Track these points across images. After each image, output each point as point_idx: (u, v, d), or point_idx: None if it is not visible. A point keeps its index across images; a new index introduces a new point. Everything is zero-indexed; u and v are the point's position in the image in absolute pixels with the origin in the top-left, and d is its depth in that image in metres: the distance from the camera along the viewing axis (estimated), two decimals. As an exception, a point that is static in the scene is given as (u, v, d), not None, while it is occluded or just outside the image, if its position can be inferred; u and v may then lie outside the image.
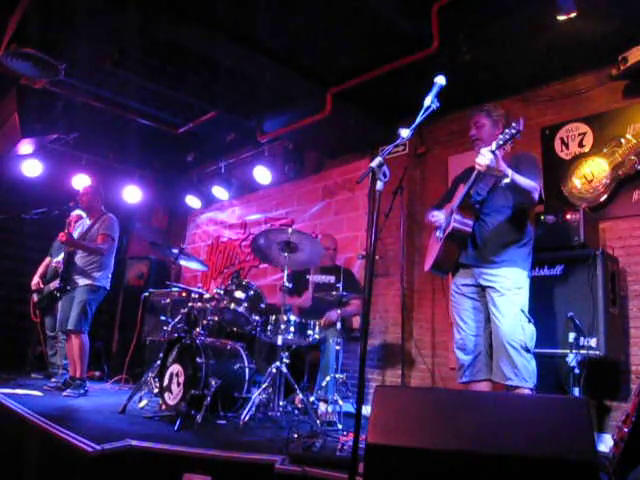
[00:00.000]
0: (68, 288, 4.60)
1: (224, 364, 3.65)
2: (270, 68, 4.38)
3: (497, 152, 2.69)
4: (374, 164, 2.03)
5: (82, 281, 4.57)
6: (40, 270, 5.59)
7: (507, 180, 2.78)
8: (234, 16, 3.87)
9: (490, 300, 2.97)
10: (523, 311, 2.91)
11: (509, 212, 3.03)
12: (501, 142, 2.69)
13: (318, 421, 3.37)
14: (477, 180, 2.95)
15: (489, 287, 2.98)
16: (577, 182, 4.03)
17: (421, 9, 3.74)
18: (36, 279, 5.53)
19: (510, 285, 2.92)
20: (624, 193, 3.82)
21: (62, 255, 5.33)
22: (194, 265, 4.95)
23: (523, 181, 2.85)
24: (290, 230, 3.74)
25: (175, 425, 3.07)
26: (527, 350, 2.86)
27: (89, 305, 4.52)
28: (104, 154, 6.86)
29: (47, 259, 5.66)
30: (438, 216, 3.21)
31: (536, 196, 2.91)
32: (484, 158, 2.70)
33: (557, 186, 4.11)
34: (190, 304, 4.00)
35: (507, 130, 2.70)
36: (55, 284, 4.81)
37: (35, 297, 5.56)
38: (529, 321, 2.91)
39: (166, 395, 3.56)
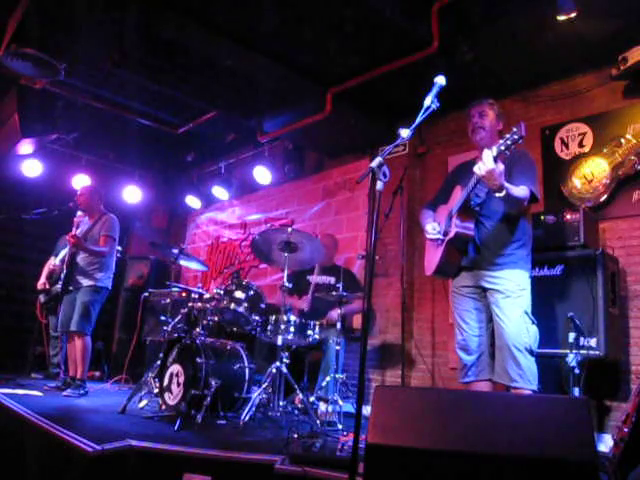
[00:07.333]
0: (70, 288, 4.60)
1: (224, 364, 3.65)
2: (270, 68, 4.38)
3: (498, 160, 2.58)
4: (374, 164, 2.02)
5: (85, 282, 4.56)
6: (45, 271, 5.59)
7: (500, 195, 2.69)
8: (234, 16, 3.87)
9: (494, 302, 2.94)
10: (527, 313, 2.88)
11: (507, 213, 2.98)
12: (502, 147, 2.58)
13: (318, 421, 3.37)
14: (477, 184, 2.87)
15: (492, 290, 2.95)
16: (577, 182, 4.03)
17: (421, 9, 3.75)
18: (42, 280, 5.53)
19: (514, 287, 2.90)
20: (624, 193, 3.82)
21: (60, 256, 5.35)
22: (194, 265, 4.95)
23: (517, 192, 2.78)
24: (290, 229, 3.74)
25: (175, 425, 3.07)
26: (531, 352, 2.84)
27: (92, 306, 4.52)
28: (104, 154, 6.87)
29: (51, 259, 5.65)
30: (434, 229, 3.12)
31: (526, 203, 2.89)
32: (485, 164, 2.59)
33: (557, 186, 4.12)
34: (190, 304, 3.99)
35: (508, 135, 2.57)
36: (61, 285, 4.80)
37: (42, 298, 5.56)
38: (533, 323, 2.89)
39: (166, 395, 3.56)
